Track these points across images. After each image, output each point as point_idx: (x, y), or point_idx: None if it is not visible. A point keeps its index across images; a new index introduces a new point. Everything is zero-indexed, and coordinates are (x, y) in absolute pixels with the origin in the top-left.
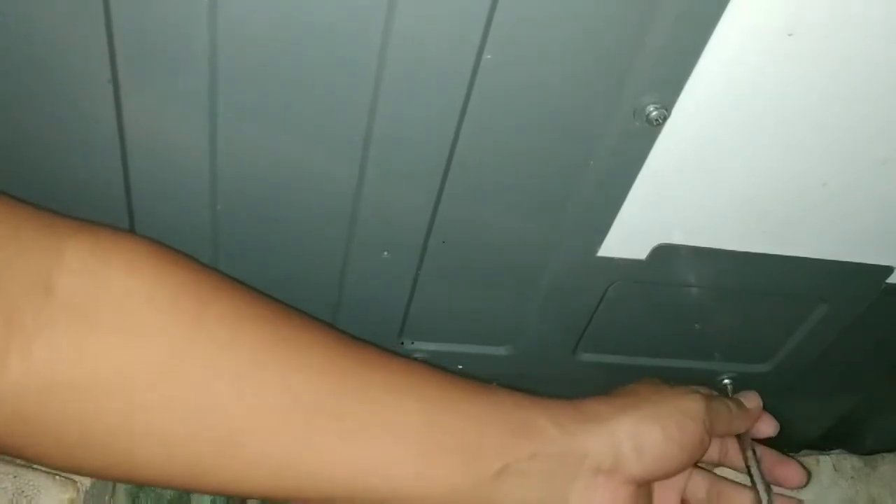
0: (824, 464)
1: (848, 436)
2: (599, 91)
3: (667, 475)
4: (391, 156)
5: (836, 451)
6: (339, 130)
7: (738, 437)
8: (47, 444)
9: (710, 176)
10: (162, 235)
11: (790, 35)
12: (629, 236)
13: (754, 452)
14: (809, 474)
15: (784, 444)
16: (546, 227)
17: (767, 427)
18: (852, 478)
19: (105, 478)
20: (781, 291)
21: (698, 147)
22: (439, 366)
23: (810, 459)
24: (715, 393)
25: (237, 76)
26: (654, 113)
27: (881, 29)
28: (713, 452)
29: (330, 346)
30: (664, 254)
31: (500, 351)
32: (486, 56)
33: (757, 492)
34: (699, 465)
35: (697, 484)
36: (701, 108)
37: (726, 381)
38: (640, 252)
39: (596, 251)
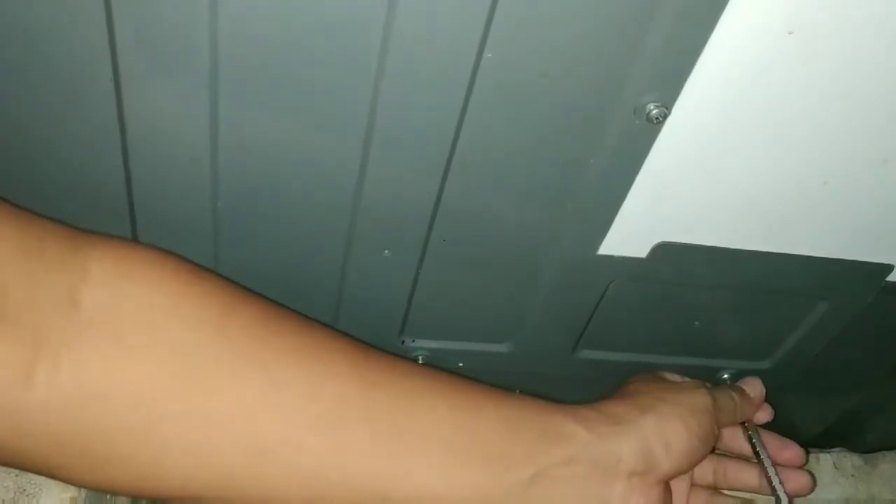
0: (824, 462)
1: (848, 434)
2: (600, 89)
3: (691, 468)
4: (392, 154)
5: (837, 449)
6: (339, 128)
7: (744, 425)
8: (74, 458)
9: (711, 174)
10: (163, 232)
11: (791, 33)
12: (629, 234)
13: (758, 435)
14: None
15: None
16: (546, 225)
17: (764, 414)
18: (853, 476)
19: (135, 494)
20: (781, 289)
21: (699, 145)
22: (462, 374)
23: (810, 457)
24: (717, 385)
25: (238, 73)
26: (655, 111)
27: (882, 27)
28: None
29: (355, 356)
30: (664, 252)
31: (501, 348)
32: (487, 54)
33: (765, 470)
34: None
35: (703, 467)
36: (701, 107)
37: (725, 376)
38: (641, 250)
39: (596, 249)
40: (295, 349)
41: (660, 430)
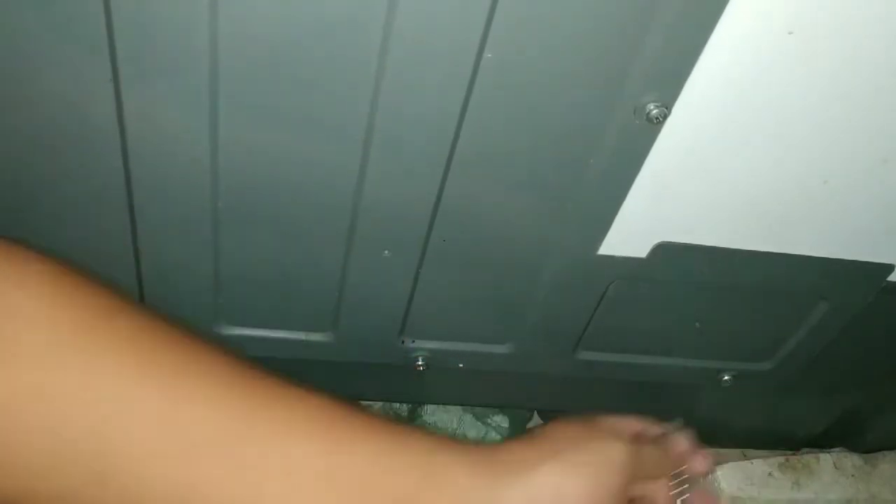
0: (825, 462)
1: (848, 434)
2: (600, 89)
3: None
4: (392, 154)
5: (837, 448)
6: (339, 129)
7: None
8: None
9: (711, 174)
10: (163, 232)
11: (790, 34)
12: (629, 234)
13: (681, 493)
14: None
15: (785, 442)
16: (547, 226)
17: (701, 465)
18: (853, 476)
19: None
20: (782, 289)
21: (699, 145)
22: (348, 400)
23: (810, 457)
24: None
25: (238, 74)
26: (655, 111)
27: (881, 28)
28: (637, 490)
29: (224, 377)
30: (664, 252)
31: (501, 349)
32: (487, 55)
33: None
34: None
35: None
36: (701, 107)
37: (726, 377)
38: (641, 250)
39: (596, 249)
40: (166, 364)
41: (556, 482)
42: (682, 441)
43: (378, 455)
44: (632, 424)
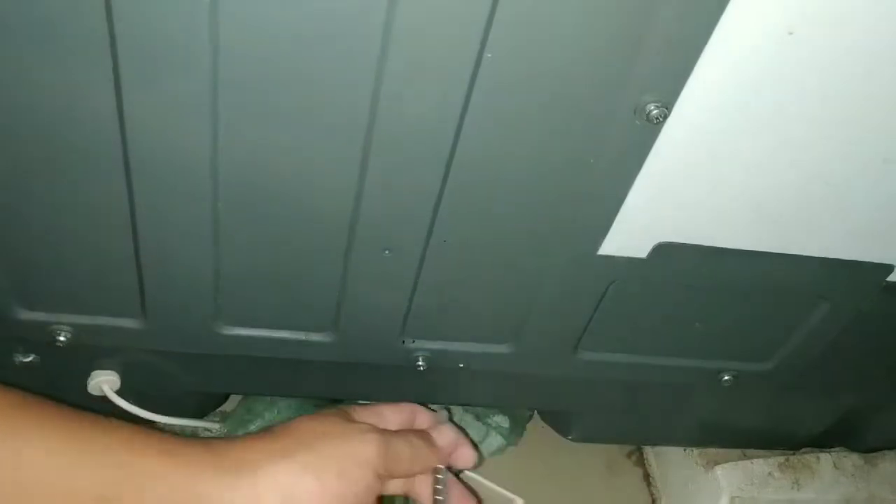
0: (825, 461)
1: (848, 433)
2: (600, 89)
3: None
4: (392, 155)
5: (837, 448)
6: (340, 130)
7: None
8: None
9: (711, 174)
10: (163, 233)
11: (791, 34)
12: (630, 235)
13: (445, 486)
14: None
15: (785, 442)
16: (547, 226)
17: (466, 458)
18: (853, 475)
19: None
20: (782, 290)
21: (699, 145)
22: (47, 396)
23: (811, 457)
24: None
25: (238, 74)
26: (655, 111)
27: (882, 27)
28: (395, 486)
29: None
30: (665, 252)
31: (501, 349)
32: (487, 55)
33: None
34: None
35: None
36: (702, 106)
37: (726, 377)
38: (641, 250)
39: (596, 249)
40: None
41: (284, 482)
42: (447, 434)
43: (67, 453)
44: (395, 415)
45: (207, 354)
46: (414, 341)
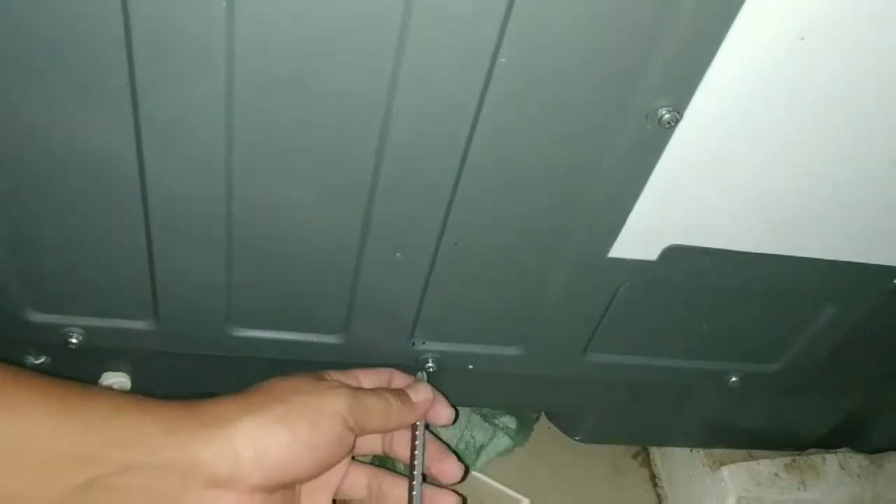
0: (830, 462)
1: (854, 434)
2: (612, 94)
3: (298, 480)
4: (405, 158)
5: (843, 449)
6: (354, 130)
7: (413, 427)
8: None
9: (722, 177)
10: (177, 235)
11: (802, 39)
12: (640, 237)
13: (422, 444)
14: (467, 469)
15: (791, 442)
16: (558, 229)
17: (442, 415)
18: (858, 476)
19: None
20: (790, 292)
21: (710, 149)
22: (24, 366)
23: (817, 458)
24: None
25: (253, 77)
26: (667, 116)
27: (892, 33)
28: (374, 444)
29: None
30: (675, 255)
31: (511, 351)
32: (501, 59)
33: (410, 484)
34: (358, 458)
35: (356, 481)
36: (713, 111)
37: (734, 379)
38: (651, 253)
39: (607, 252)
40: None
41: (257, 434)
42: (423, 391)
43: (52, 418)
44: (368, 377)
45: (218, 356)
46: (424, 343)
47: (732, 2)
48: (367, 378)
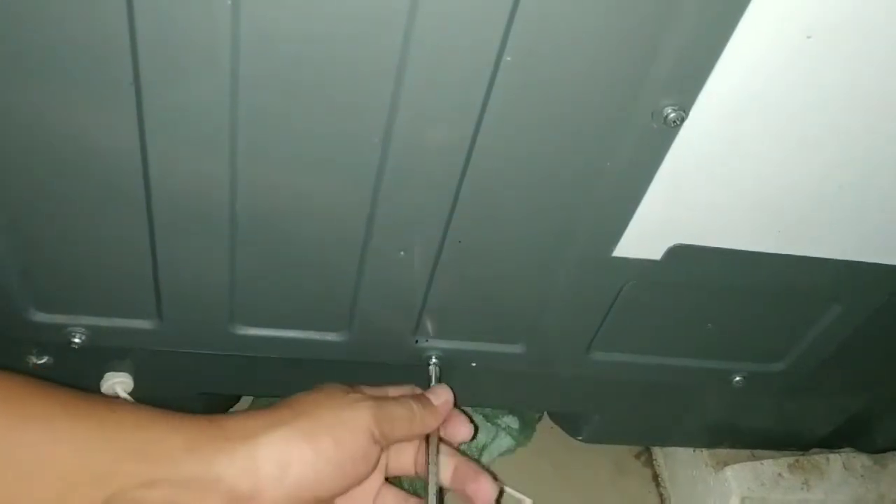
0: (834, 462)
1: (858, 434)
2: (618, 93)
3: (321, 497)
4: (409, 156)
5: (846, 449)
6: (358, 131)
7: (428, 438)
8: None
9: (727, 177)
10: (180, 233)
11: (809, 37)
12: (645, 236)
13: (436, 454)
14: (502, 491)
15: (794, 442)
16: (562, 228)
17: (461, 430)
18: (862, 476)
19: None
20: (795, 291)
21: (715, 148)
22: (43, 377)
23: (820, 458)
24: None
25: (258, 74)
26: (672, 115)
27: None
28: (406, 465)
29: None
30: (679, 254)
31: (514, 349)
32: (507, 58)
33: (427, 494)
34: (394, 479)
35: (385, 502)
36: (718, 110)
37: (738, 378)
38: (656, 252)
39: (611, 251)
40: None
41: (280, 449)
42: (442, 393)
43: (74, 432)
44: (395, 390)
45: (221, 355)
46: (427, 340)
47: (738, 0)
48: (395, 391)
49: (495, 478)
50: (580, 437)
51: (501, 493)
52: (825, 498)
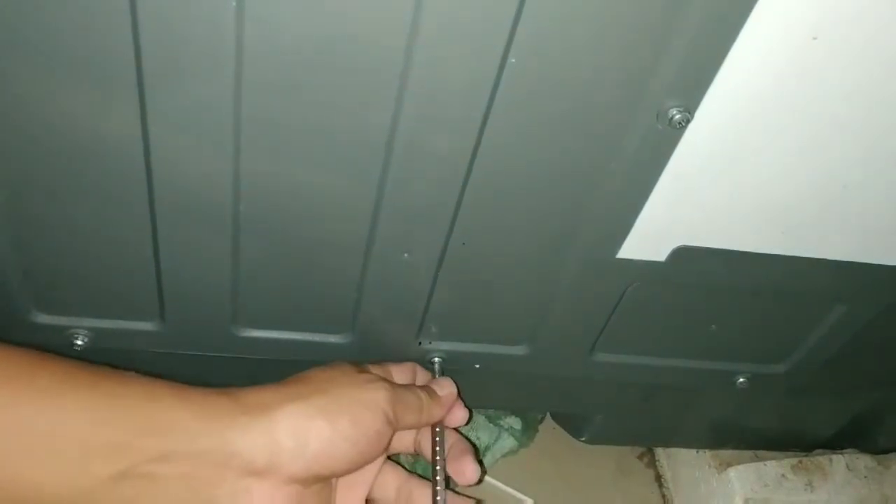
0: (837, 463)
1: (861, 435)
2: (623, 94)
3: (336, 473)
4: (414, 158)
5: (849, 450)
6: (362, 133)
7: (433, 427)
8: None
9: (732, 178)
10: (184, 235)
11: (815, 39)
12: (649, 238)
13: (443, 444)
14: (484, 472)
15: (797, 443)
16: (567, 229)
17: (458, 416)
18: (865, 477)
19: None
20: (799, 293)
21: (720, 149)
22: (65, 353)
23: (823, 459)
24: (410, 377)
25: (262, 76)
26: (678, 116)
27: None
28: (407, 443)
29: None
30: (683, 256)
31: (518, 350)
32: (511, 59)
33: (434, 488)
34: (393, 458)
35: (387, 481)
36: (724, 111)
37: (741, 379)
38: (660, 254)
39: (616, 252)
40: None
41: (298, 424)
42: (446, 385)
43: (87, 405)
44: (399, 373)
45: (224, 357)
46: (430, 342)
47: (744, 1)
48: (399, 372)
49: (482, 464)
50: (583, 438)
51: (481, 480)
52: (829, 499)
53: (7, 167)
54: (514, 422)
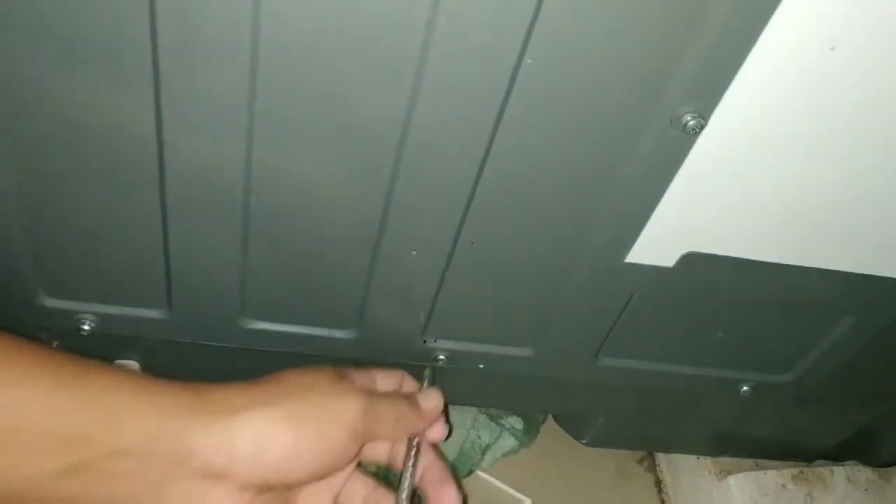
0: (838, 475)
1: (863, 447)
2: (637, 99)
3: (295, 483)
4: (425, 156)
5: (850, 462)
6: (374, 131)
7: (409, 439)
8: None
9: (744, 186)
10: (194, 227)
11: (833, 49)
12: (658, 243)
13: (416, 459)
14: (465, 499)
15: (799, 453)
16: (576, 232)
17: (437, 431)
18: (866, 490)
19: None
20: (807, 303)
21: (733, 156)
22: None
23: (824, 469)
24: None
25: (277, 72)
26: (692, 122)
27: None
28: (381, 452)
29: None
30: (692, 262)
31: (523, 352)
32: (527, 60)
33: (401, 496)
34: (362, 466)
35: (354, 490)
36: (738, 118)
37: (745, 388)
38: (668, 259)
39: (624, 257)
40: None
41: (260, 430)
42: (432, 397)
43: (42, 395)
44: (385, 380)
45: (229, 348)
46: (436, 341)
47: (763, 9)
48: (384, 380)
49: (460, 486)
50: (584, 441)
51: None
52: None
53: (22, 154)
54: (515, 421)
